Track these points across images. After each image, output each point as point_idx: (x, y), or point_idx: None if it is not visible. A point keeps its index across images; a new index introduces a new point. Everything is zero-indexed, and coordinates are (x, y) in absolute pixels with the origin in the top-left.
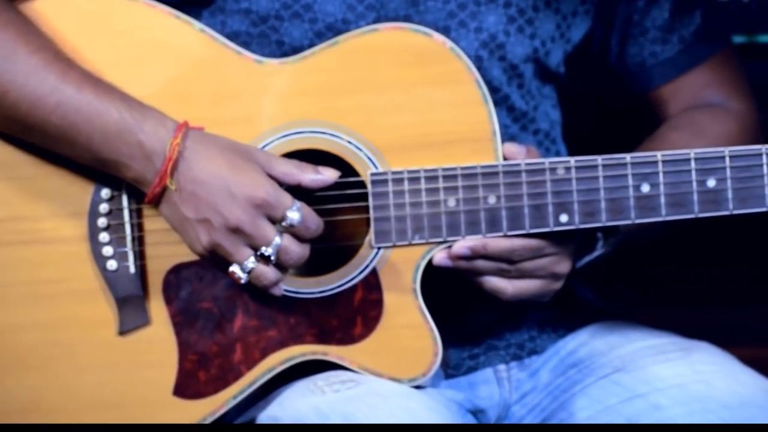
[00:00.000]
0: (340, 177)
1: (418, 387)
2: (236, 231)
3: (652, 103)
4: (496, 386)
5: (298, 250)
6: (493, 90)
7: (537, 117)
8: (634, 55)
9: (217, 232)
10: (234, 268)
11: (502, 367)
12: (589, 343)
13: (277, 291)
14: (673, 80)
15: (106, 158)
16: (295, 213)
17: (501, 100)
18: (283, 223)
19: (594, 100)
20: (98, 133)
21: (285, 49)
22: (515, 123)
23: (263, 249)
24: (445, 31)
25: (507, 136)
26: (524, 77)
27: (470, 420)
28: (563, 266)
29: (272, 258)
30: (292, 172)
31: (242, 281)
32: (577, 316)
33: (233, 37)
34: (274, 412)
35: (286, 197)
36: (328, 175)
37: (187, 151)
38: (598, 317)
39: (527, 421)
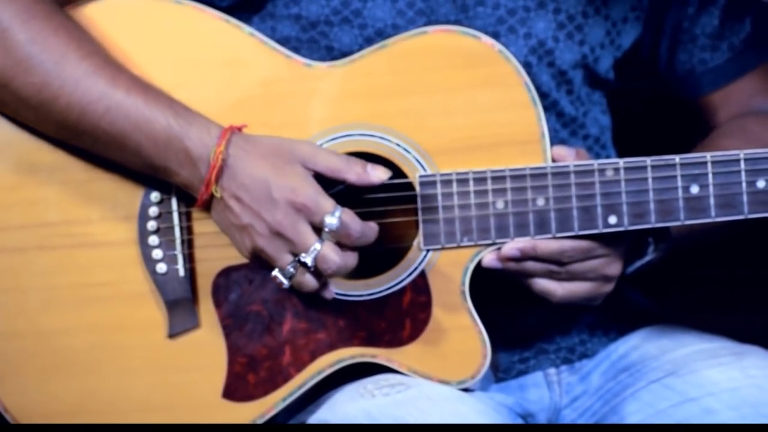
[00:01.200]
0: (389, 179)
1: (466, 390)
2: (278, 235)
3: (702, 109)
4: (546, 390)
5: (337, 260)
6: (542, 95)
7: (586, 122)
8: (684, 62)
9: (260, 237)
10: (276, 273)
11: (552, 370)
12: (640, 346)
13: (328, 294)
14: (722, 88)
15: (155, 164)
16: (333, 219)
17: (550, 106)
18: (324, 229)
19: (645, 106)
20: (147, 140)
21: (335, 55)
22: (565, 128)
23: (302, 255)
24: (495, 36)
25: (556, 141)
26: (573, 83)
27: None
28: (614, 268)
29: (310, 265)
30: (338, 167)
31: (285, 286)
32: (628, 320)
33: (283, 42)
34: (324, 415)
35: (327, 202)
36: (376, 174)
37: (230, 158)
38: (650, 321)
39: None
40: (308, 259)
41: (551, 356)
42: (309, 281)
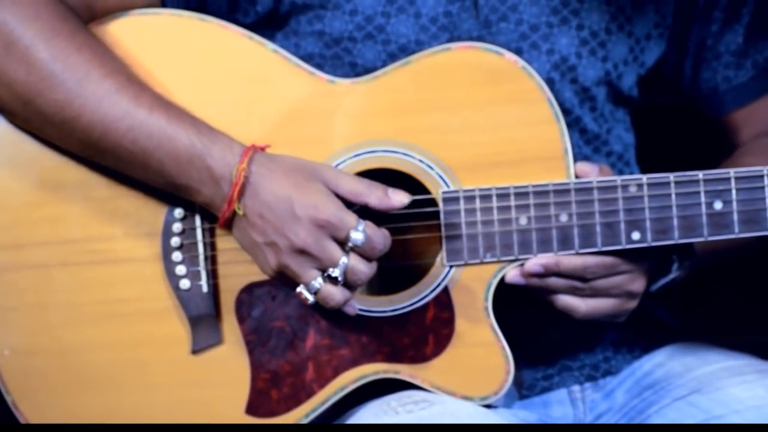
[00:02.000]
0: (413, 195)
1: (489, 406)
2: (302, 252)
3: (726, 127)
4: (570, 407)
5: (365, 270)
6: (565, 112)
7: (610, 140)
8: (708, 79)
9: (284, 254)
10: (301, 289)
11: (576, 387)
12: (665, 364)
13: (351, 310)
14: (746, 105)
15: (177, 183)
16: (359, 234)
17: (573, 123)
18: (348, 244)
19: (669, 124)
20: (169, 158)
21: (358, 71)
22: (587, 145)
23: (330, 270)
24: (518, 52)
25: (579, 158)
26: (596, 100)
27: None
28: (638, 284)
29: (339, 279)
30: (360, 191)
31: (309, 302)
32: (652, 337)
33: (307, 59)
34: None
35: (350, 217)
36: (398, 199)
37: (253, 176)
38: (674, 338)
39: None
40: (337, 273)
41: (575, 373)
42: (335, 295)
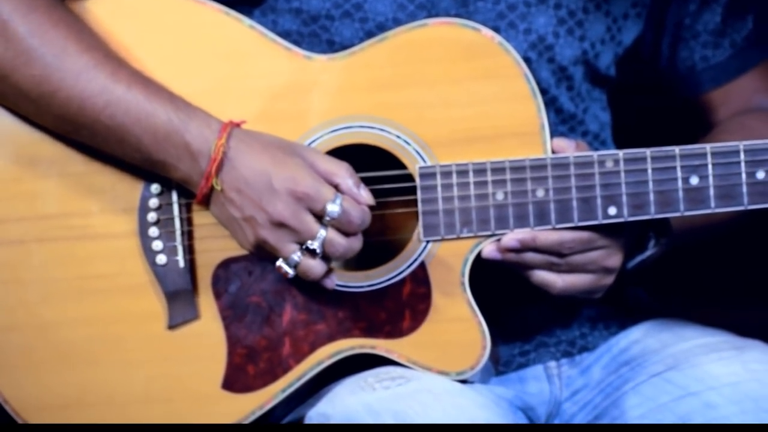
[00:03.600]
0: (389, 170)
1: (466, 381)
2: (280, 226)
3: (703, 107)
4: (546, 383)
5: (343, 242)
6: (542, 92)
7: (586, 119)
8: (685, 58)
9: (262, 228)
10: (281, 263)
11: (552, 363)
12: (641, 340)
13: (329, 283)
14: (723, 85)
15: (154, 159)
16: (335, 207)
17: (549, 102)
18: (325, 217)
19: (645, 103)
20: (147, 134)
21: (335, 49)
22: (563, 125)
23: (308, 242)
24: (495, 31)
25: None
26: (573, 79)
27: (521, 417)
28: (614, 260)
29: (318, 251)
30: (334, 172)
31: (290, 275)
32: (629, 314)
33: (284, 36)
34: (324, 409)
35: (327, 190)
36: (365, 195)
37: (231, 151)
38: (651, 315)
39: (578, 418)
40: (315, 245)
41: (551, 349)
42: (315, 267)
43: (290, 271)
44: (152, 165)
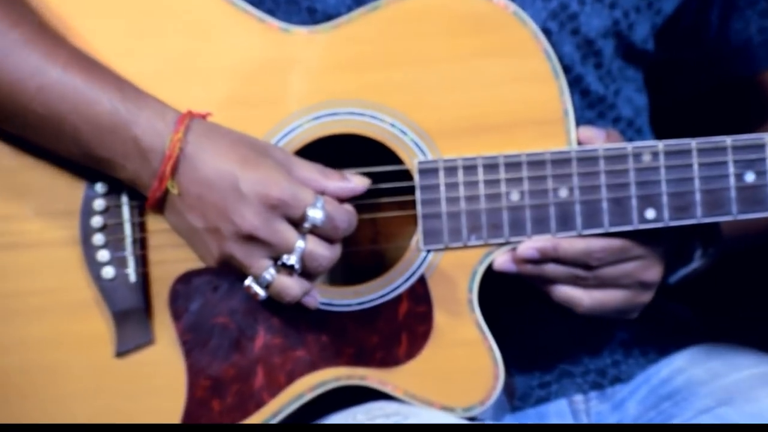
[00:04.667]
0: (382, 166)
1: (474, 419)
2: (250, 239)
3: (759, 88)
4: (571, 420)
5: (326, 254)
6: (564, 70)
7: (618, 103)
8: (739, 30)
9: (228, 241)
10: (250, 282)
11: (578, 397)
12: (686, 369)
13: (312, 302)
14: None
15: (97, 155)
16: (318, 212)
17: (573, 83)
18: (305, 225)
19: (690, 84)
20: (87, 126)
21: (317, 19)
22: (590, 109)
23: (284, 258)
24: None
25: (582, 124)
26: (602, 55)
27: None
28: (652, 273)
29: (296, 267)
30: (314, 177)
31: (261, 297)
32: (671, 337)
33: (257, 4)
34: None
35: (306, 193)
36: (356, 182)
37: (190, 147)
38: (697, 338)
39: None
40: (293, 261)
41: (577, 380)
42: (291, 288)
43: (261, 293)
44: (96, 162)
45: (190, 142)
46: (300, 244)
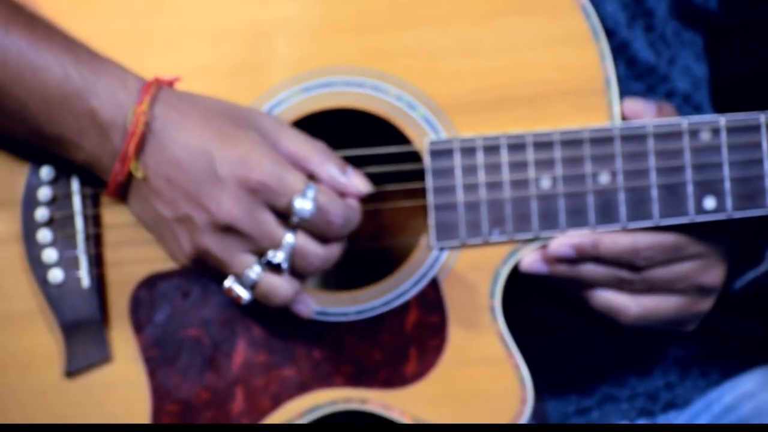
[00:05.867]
0: (385, 147)
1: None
2: (228, 230)
3: None
4: None
5: (319, 252)
6: (607, 33)
7: (672, 74)
8: None
9: (203, 233)
10: (231, 283)
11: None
12: (756, 395)
13: (305, 310)
14: None
15: (46, 133)
16: (306, 202)
17: (618, 49)
18: (293, 218)
19: (758, 51)
20: (34, 98)
21: None
22: (639, 81)
23: (270, 254)
24: None
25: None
26: (654, 15)
27: None
28: (712, 276)
29: (284, 265)
30: (305, 155)
31: (244, 301)
32: (736, 355)
33: None
34: None
35: (294, 177)
36: (355, 183)
37: (157, 122)
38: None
39: None
40: (281, 257)
41: (623, 405)
42: (280, 288)
43: (245, 295)
44: (45, 141)
45: (158, 116)
46: (289, 238)
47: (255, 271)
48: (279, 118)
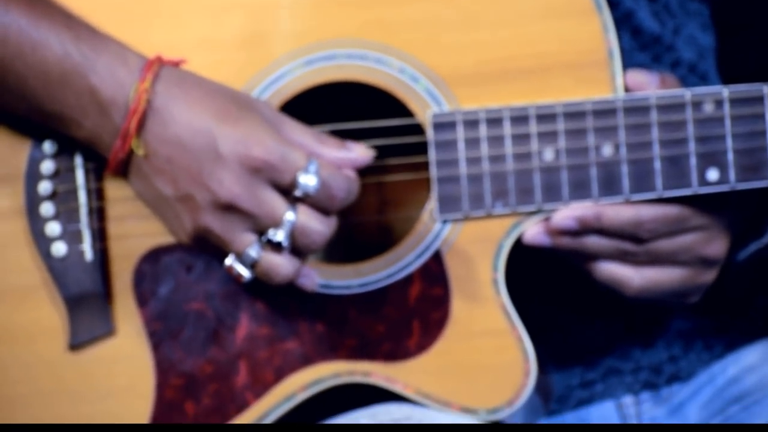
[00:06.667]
0: (388, 119)
1: (500, 424)
2: (230, 208)
3: None
4: None
5: (321, 229)
6: (610, 4)
7: (677, 44)
8: None
9: (204, 212)
10: (232, 261)
11: (628, 399)
12: (759, 367)
13: (309, 283)
14: None
15: (47, 110)
16: (310, 177)
17: (622, 19)
18: (296, 193)
19: (763, 20)
20: (34, 75)
21: None
22: (643, 51)
23: (270, 232)
24: None
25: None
26: None
27: None
28: (715, 247)
29: (285, 243)
30: (307, 142)
31: (245, 279)
32: (740, 328)
33: None
34: None
35: (297, 155)
36: (359, 152)
37: (159, 100)
38: None
39: None
40: (281, 236)
41: (627, 379)
42: (282, 266)
43: (246, 273)
44: (46, 118)
45: (159, 93)
46: (289, 216)
47: (255, 250)
48: (275, 108)
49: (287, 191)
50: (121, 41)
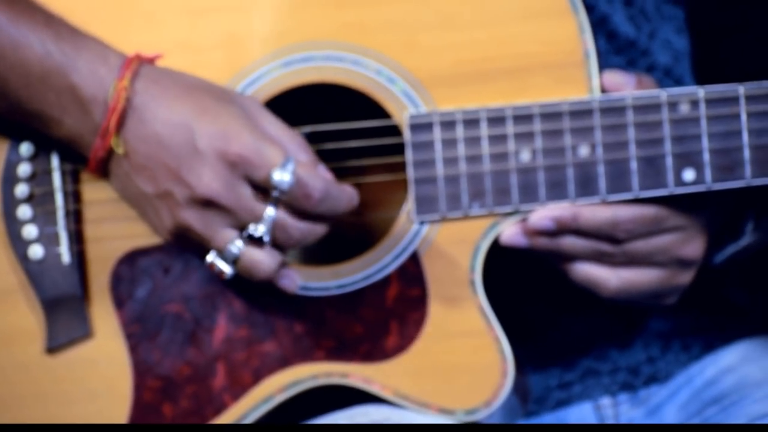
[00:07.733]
0: (365, 121)
1: (478, 425)
2: (209, 204)
3: None
4: None
5: (300, 225)
6: (587, 9)
7: (652, 47)
8: None
9: (184, 208)
10: (213, 258)
11: (606, 400)
12: (737, 368)
13: (290, 284)
14: None
15: (27, 109)
16: (285, 174)
17: (598, 23)
18: (272, 192)
19: (739, 22)
20: (14, 74)
21: None
22: (619, 55)
23: (251, 228)
24: None
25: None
26: None
27: None
28: (692, 248)
29: (266, 238)
30: (282, 141)
31: (227, 275)
32: (718, 329)
33: None
34: None
35: (273, 150)
36: (349, 194)
37: (138, 98)
38: (750, 330)
39: None
40: (261, 231)
41: (604, 380)
42: (262, 262)
43: (227, 269)
44: (26, 117)
45: (139, 91)
46: (270, 212)
47: (236, 246)
48: (257, 99)
49: (266, 188)
50: (101, 40)
